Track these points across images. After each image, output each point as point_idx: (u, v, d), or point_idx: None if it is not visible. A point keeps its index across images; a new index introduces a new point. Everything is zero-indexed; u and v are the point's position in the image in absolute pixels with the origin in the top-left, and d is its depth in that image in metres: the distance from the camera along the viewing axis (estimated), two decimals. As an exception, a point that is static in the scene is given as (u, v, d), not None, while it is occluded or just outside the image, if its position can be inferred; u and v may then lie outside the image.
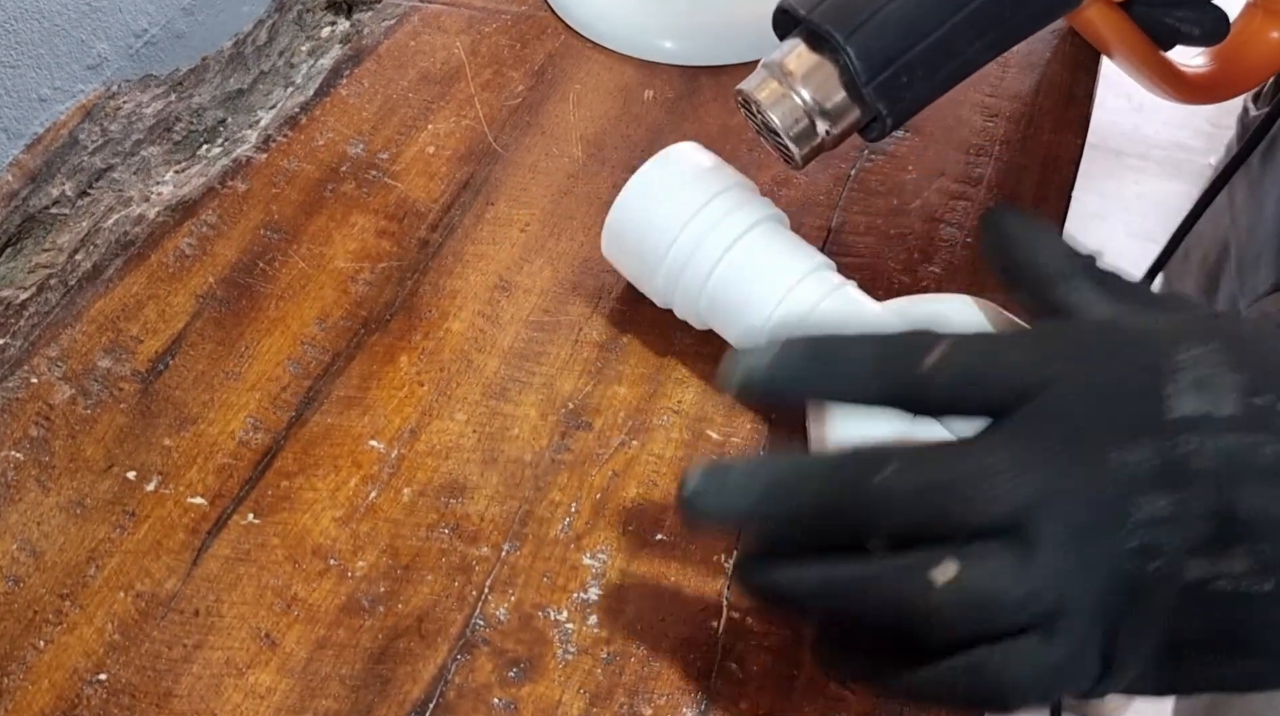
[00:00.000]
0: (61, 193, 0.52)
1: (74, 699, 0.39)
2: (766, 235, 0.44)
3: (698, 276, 0.44)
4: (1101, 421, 0.29)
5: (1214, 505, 0.28)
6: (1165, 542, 0.28)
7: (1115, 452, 0.28)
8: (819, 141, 0.41)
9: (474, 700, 0.39)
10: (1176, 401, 0.28)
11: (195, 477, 0.44)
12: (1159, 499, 0.28)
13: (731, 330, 0.45)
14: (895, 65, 0.38)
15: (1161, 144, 2.03)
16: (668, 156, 0.46)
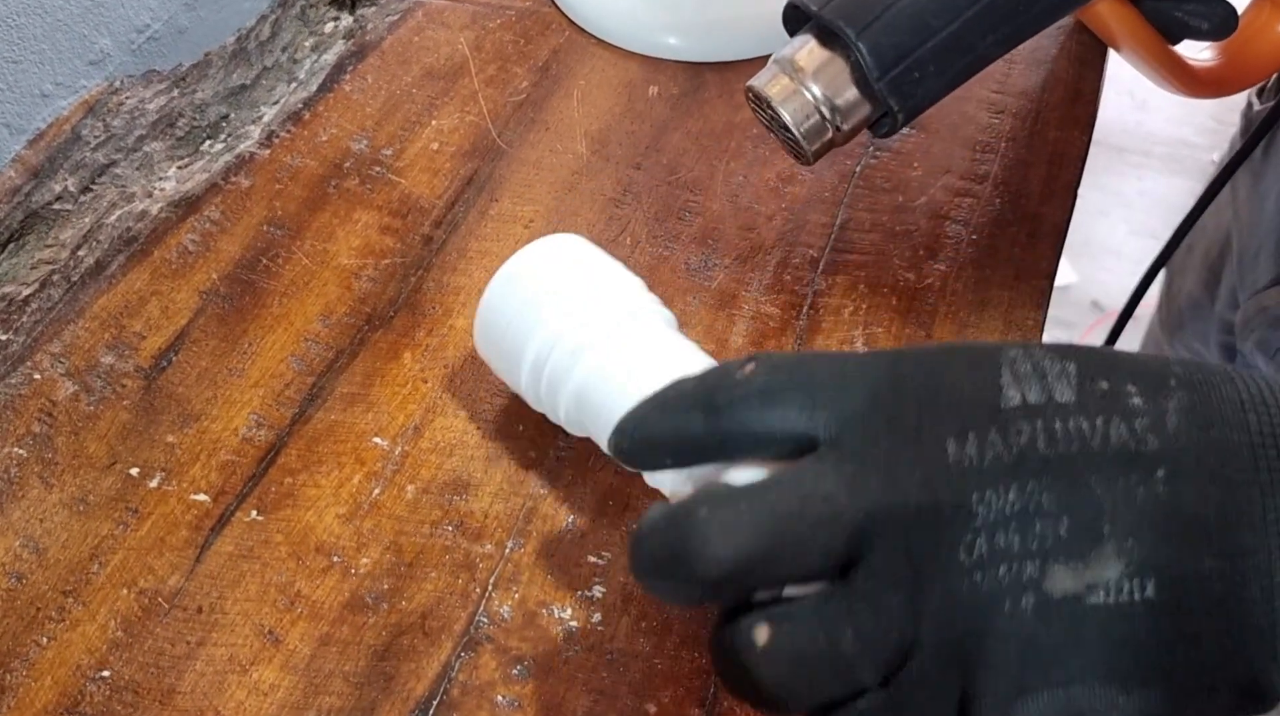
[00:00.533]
0: (64, 188, 0.52)
1: (77, 695, 0.39)
2: (636, 332, 0.39)
3: (557, 376, 0.39)
4: (937, 418, 0.26)
5: (1065, 498, 0.25)
6: (1014, 543, 0.25)
7: (953, 445, 0.26)
8: (830, 137, 0.41)
9: (478, 697, 0.39)
10: (1012, 390, 0.26)
11: (198, 474, 0.44)
12: (1004, 493, 0.25)
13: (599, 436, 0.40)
14: (907, 61, 0.38)
15: (1164, 140, 2.03)
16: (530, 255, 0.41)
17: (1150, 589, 0.24)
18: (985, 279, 0.51)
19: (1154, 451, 0.25)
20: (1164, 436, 0.25)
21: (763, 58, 0.61)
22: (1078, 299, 1.79)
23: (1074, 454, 0.25)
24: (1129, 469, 0.25)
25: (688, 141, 0.57)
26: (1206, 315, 0.72)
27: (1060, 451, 0.25)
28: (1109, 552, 0.25)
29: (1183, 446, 0.25)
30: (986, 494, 0.25)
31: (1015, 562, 0.25)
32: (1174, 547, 0.24)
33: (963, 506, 0.25)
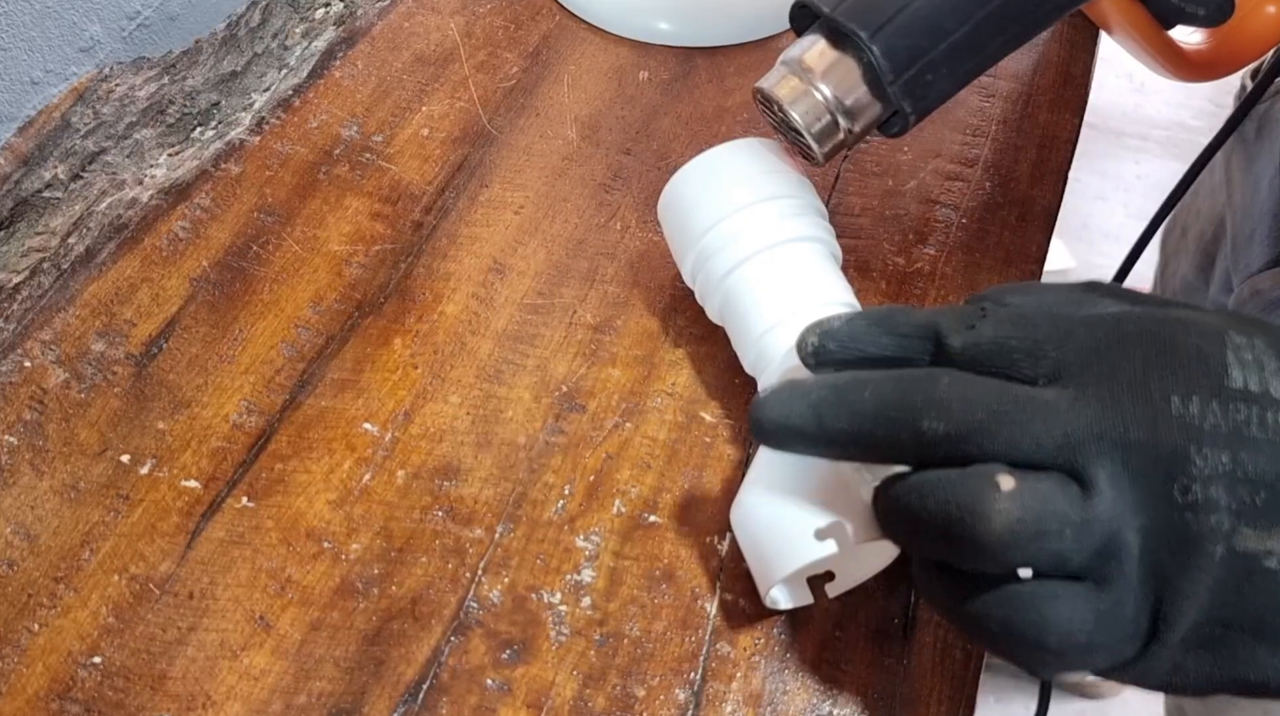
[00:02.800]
0: (54, 176, 0.52)
1: (68, 681, 0.39)
2: (801, 255, 0.43)
3: (718, 271, 0.43)
4: (1159, 376, 0.29)
5: (1266, 474, 0.28)
6: (1222, 499, 0.28)
7: (1178, 402, 0.28)
8: (840, 138, 0.41)
9: (468, 681, 0.39)
10: (1236, 372, 0.29)
11: (189, 461, 0.44)
12: (1220, 454, 0.28)
13: (733, 334, 0.45)
14: (920, 63, 0.38)
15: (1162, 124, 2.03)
16: (746, 145, 0.44)
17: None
18: (975, 263, 0.51)
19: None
20: None
21: (753, 43, 0.61)
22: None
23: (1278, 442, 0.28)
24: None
25: (678, 126, 0.57)
26: (1201, 299, 0.72)
27: (1270, 437, 0.28)
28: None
29: None
30: (1204, 450, 0.28)
31: (1220, 515, 0.28)
32: None
33: (1183, 453, 0.28)
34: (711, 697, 0.39)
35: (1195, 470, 0.28)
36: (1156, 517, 0.28)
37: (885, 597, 0.41)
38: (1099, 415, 0.29)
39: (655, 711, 0.39)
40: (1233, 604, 0.28)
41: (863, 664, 0.40)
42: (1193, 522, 0.28)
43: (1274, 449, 0.28)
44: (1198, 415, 0.28)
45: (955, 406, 0.30)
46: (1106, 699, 1.39)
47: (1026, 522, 0.28)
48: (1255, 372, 0.29)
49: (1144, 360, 0.29)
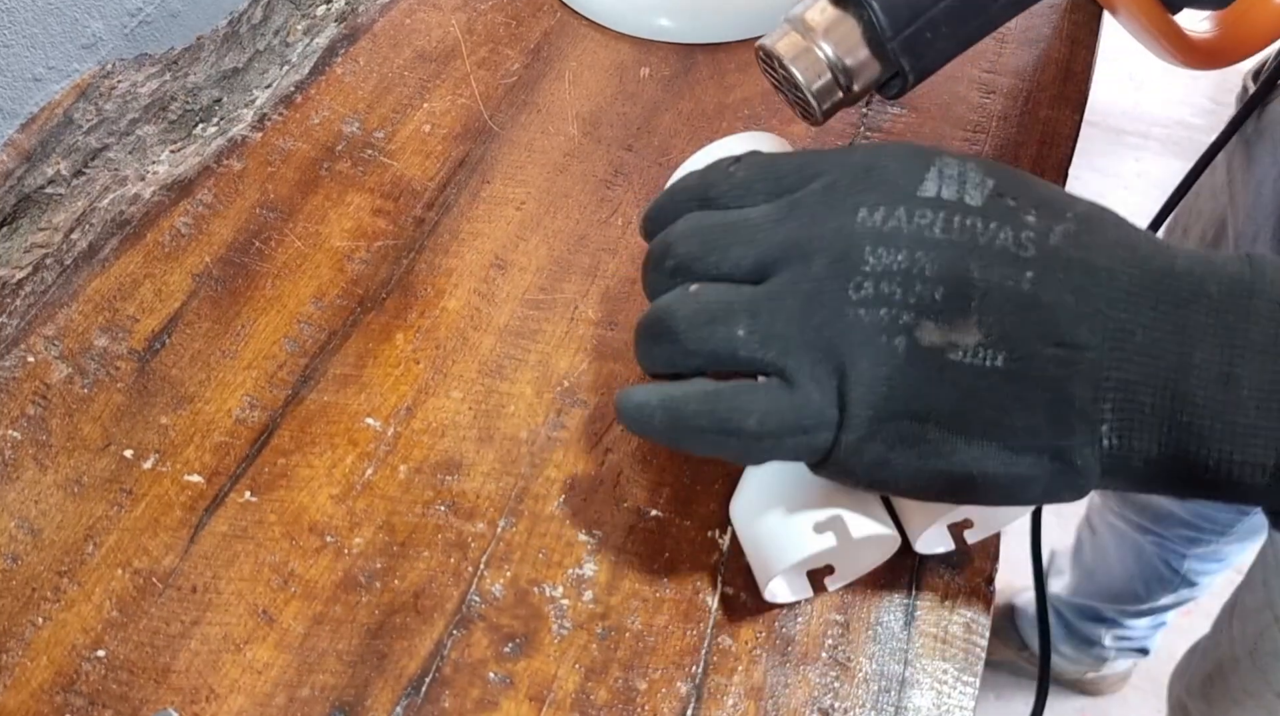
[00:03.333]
0: (57, 172, 0.52)
1: (73, 674, 0.39)
2: None
3: None
4: (858, 191, 0.32)
5: (944, 270, 0.30)
6: (896, 294, 0.30)
7: (865, 212, 0.32)
8: (840, 97, 0.41)
9: (470, 674, 0.39)
10: (930, 184, 0.32)
11: (192, 456, 0.44)
12: (894, 254, 0.31)
13: None
14: (919, 21, 0.39)
15: (1162, 122, 2.03)
16: (745, 139, 0.45)
17: (1000, 359, 0.30)
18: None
19: (1030, 257, 0.31)
20: (1042, 249, 0.31)
21: (754, 40, 0.61)
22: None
23: (962, 242, 0.31)
24: (1005, 265, 0.30)
25: (679, 123, 0.57)
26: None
27: (952, 238, 0.31)
28: (972, 323, 0.30)
29: (1054, 259, 0.31)
30: (879, 250, 0.31)
31: (895, 309, 0.30)
32: (1026, 331, 0.30)
33: (856, 253, 0.31)
34: (713, 690, 0.39)
35: (868, 268, 0.31)
36: (832, 314, 0.31)
37: (886, 590, 0.41)
38: (791, 230, 0.32)
39: (657, 704, 0.39)
40: (925, 396, 0.30)
41: (863, 656, 0.40)
42: (865, 315, 0.31)
43: (955, 249, 0.30)
44: (880, 220, 0.31)
45: (677, 242, 0.35)
46: (1106, 696, 1.39)
47: (703, 312, 0.32)
48: (953, 184, 0.32)
49: (851, 181, 0.33)
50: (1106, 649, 1.28)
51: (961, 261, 0.30)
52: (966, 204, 0.31)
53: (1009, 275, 0.30)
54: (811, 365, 0.31)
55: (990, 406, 0.30)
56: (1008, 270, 0.30)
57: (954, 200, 0.31)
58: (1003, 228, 0.31)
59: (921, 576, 0.41)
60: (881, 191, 0.32)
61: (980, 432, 0.31)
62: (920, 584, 0.41)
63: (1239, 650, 0.74)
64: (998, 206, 0.31)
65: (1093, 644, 1.28)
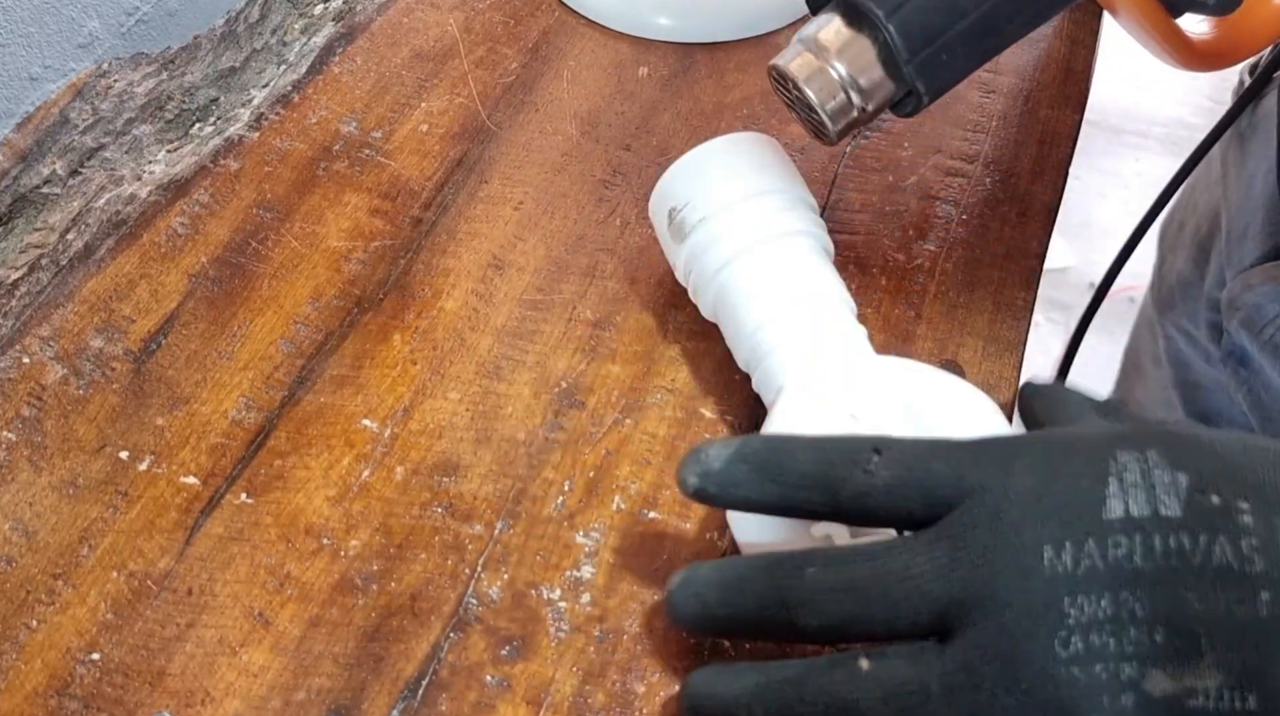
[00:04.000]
0: (52, 172, 0.52)
1: (67, 678, 0.39)
2: (791, 250, 0.43)
3: (710, 268, 0.43)
4: (1035, 523, 0.28)
5: (1161, 609, 0.26)
6: (1106, 645, 0.26)
7: (1050, 552, 0.27)
8: (854, 117, 0.41)
9: (467, 678, 0.39)
10: (1115, 502, 0.27)
11: (188, 457, 0.44)
12: (1097, 600, 0.26)
13: (726, 331, 0.45)
14: (936, 44, 0.38)
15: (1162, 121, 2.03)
16: (736, 140, 0.45)
17: (1252, 701, 0.25)
18: (975, 259, 0.51)
19: (1259, 572, 0.26)
20: (1271, 556, 0.26)
21: (753, 39, 0.61)
22: (1075, 281, 1.79)
23: (1171, 568, 0.26)
24: (1230, 588, 0.26)
25: (678, 122, 0.56)
26: (1196, 294, 0.72)
27: (1158, 565, 0.26)
28: (1208, 664, 0.26)
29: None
30: (1078, 599, 0.26)
31: (1112, 662, 0.26)
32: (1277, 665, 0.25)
33: (1054, 606, 0.27)
34: (711, 694, 0.39)
35: (1070, 621, 0.26)
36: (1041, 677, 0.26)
37: (885, 594, 0.41)
38: (968, 575, 0.28)
39: (655, 708, 0.38)
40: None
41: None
42: (1080, 675, 0.26)
43: (1165, 580, 0.26)
44: (1070, 563, 0.27)
45: (824, 602, 0.30)
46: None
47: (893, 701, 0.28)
48: (1141, 494, 0.27)
49: (1021, 508, 0.28)
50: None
51: (1175, 595, 0.26)
52: (1163, 517, 0.27)
53: (1239, 599, 0.26)
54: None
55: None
56: (1235, 593, 0.26)
57: (1148, 517, 0.27)
58: (1215, 540, 0.26)
59: (921, 579, 0.41)
60: (1062, 521, 0.28)
61: None
62: (920, 586, 0.41)
63: None
64: (1201, 511, 0.27)
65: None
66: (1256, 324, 0.58)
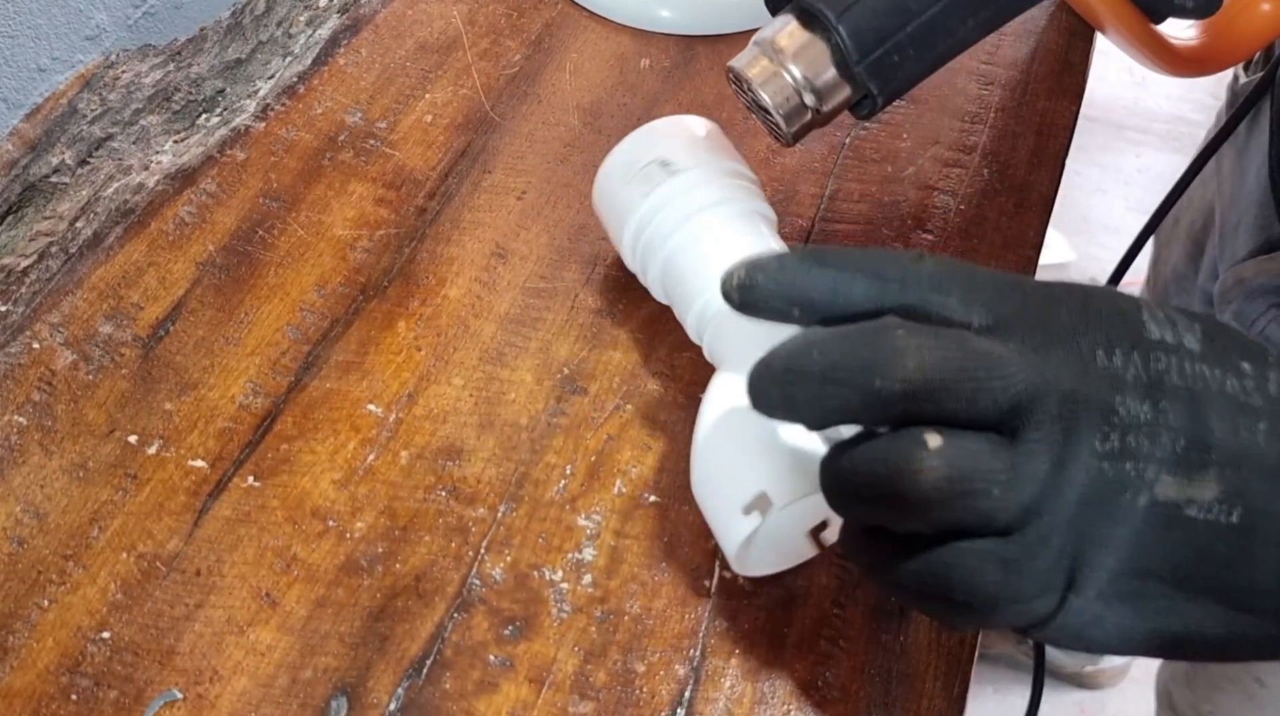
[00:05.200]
0: (61, 161, 0.53)
1: (78, 656, 0.40)
2: (731, 219, 0.44)
3: (654, 242, 0.44)
4: (1088, 331, 0.30)
5: (1187, 422, 0.28)
6: (1143, 447, 0.28)
7: (1101, 355, 0.29)
8: (809, 119, 0.41)
9: (470, 657, 0.40)
10: (1153, 326, 0.30)
11: (196, 441, 0.45)
12: (1140, 403, 0.28)
13: (676, 308, 0.45)
14: (887, 45, 0.39)
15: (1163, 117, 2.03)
16: (665, 123, 0.46)
17: (1235, 515, 0.28)
18: (972, 249, 0.51)
19: (1259, 406, 0.29)
20: (1267, 398, 0.29)
21: (755, 31, 0.61)
22: (1076, 276, 1.79)
23: (1199, 390, 0.29)
24: (1240, 415, 0.29)
25: (679, 113, 0.57)
26: (1190, 287, 0.73)
27: (1189, 385, 0.29)
28: (1211, 477, 0.28)
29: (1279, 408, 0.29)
30: (1128, 400, 0.28)
31: (1141, 463, 0.28)
32: (1262, 486, 0.28)
33: (1106, 403, 0.28)
34: (711, 673, 0.39)
35: (1118, 419, 0.28)
36: (1080, 469, 0.28)
37: (882, 575, 0.42)
38: (1036, 368, 0.29)
39: (655, 687, 0.39)
40: (1152, 553, 0.29)
41: (860, 641, 0.40)
42: (1112, 471, 0.28)
43: (1192, 398, 0.29)
44: (1120, 366, 0.29)
45: (911, 363, 0.28)
46: (1105, 689, 1.39)
47: (954, 481, 0.28)
48: (1169, 328, 0.30)
49: (1070, 314, 0.30)
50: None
51: (1201, 411, 0.29)
52: (1188, 348, 0.29)
53: (1244, 426, 0.29)
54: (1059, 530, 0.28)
55: (1218, 564, 0.29)
56: (1242, 420, 0.29)
57: (1176, 344, 0.29)
58: (1228, 374, 0.29)
59: (917, 561, 0.42)
60: (1107, 329, 0.30)
61: (1204, 590, 0.29)
62: (916, 568, 0.42)
63: None
64: (1215, 351, 0.30)
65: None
66: (1248, 317, 0.58)
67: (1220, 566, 0.29)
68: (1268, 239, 0.59)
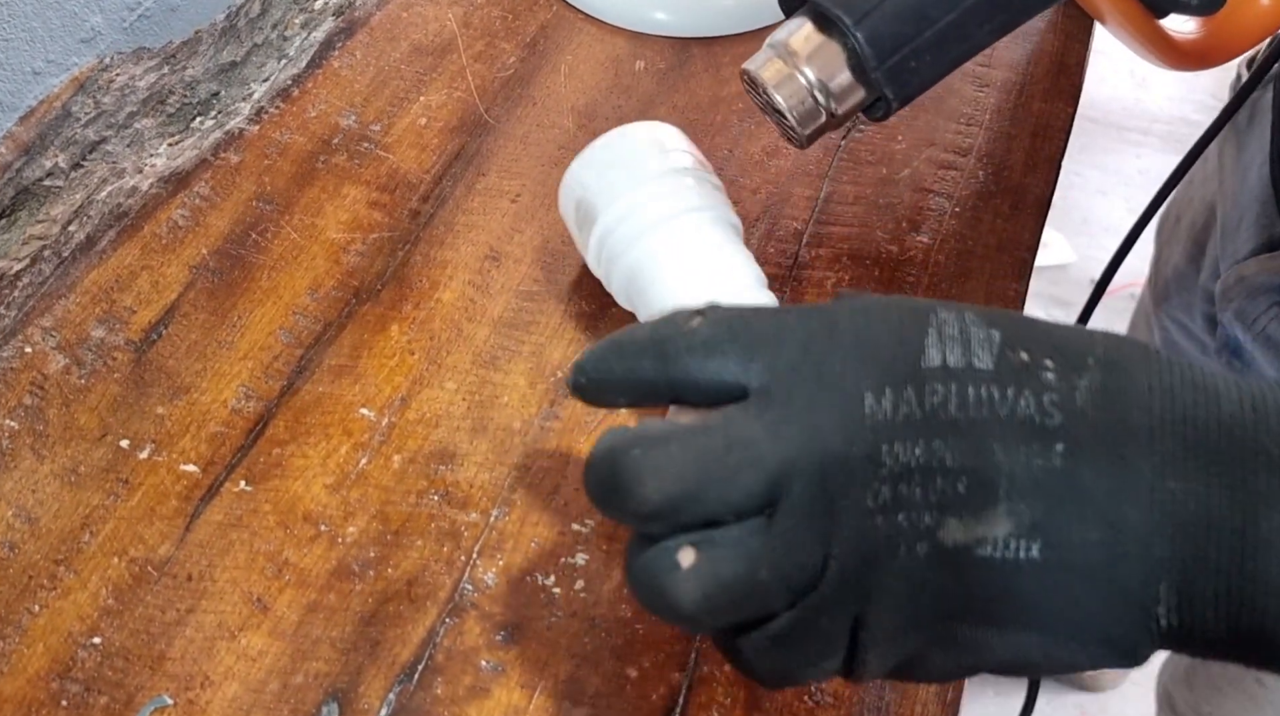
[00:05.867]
0: (55, 165, 0.53)
1: (68, 661, 0.39)
2: (698, 227, 0.44)
3: (617, 249, 0.44)
4: (858, 369, 0.28)
5: (967, 459, 0.27)
6: (914, 495, 0.27)
7: (870, 399, 0.27)
8: (823, 121, 0.41)
9: (462, 662, 0.40)
10: (934, 351, 0.28)
11: (188, 445, 0.45)
12: (913, 447, 0.27)
13: (640, 314, 0.46)
14: (904, 51, 0.39)
15: (1164, 118, 2.03)
16: (631, 130, 0.46)
17: (1035, 550, 0.26)
18: (968, 251, 0.51)
19: (1057, 426, 0.27)
20: (1069, 412, 0.27)
21: (749, 33, 0.61)
22: (1077, 277, 1.79)
23: (982, 419, 0.27)
24: (1031, 439, 0.27)
25: (674, 116, 0.57)
26: (1191, 286, 0.72)
27: (970, 415, 0.27)
28: (1001, 512, 0.26)
29: (1085, 424, 0.27)
30: (895, 446, 0.27)
31: (915, 512, 0.27)
32: (1062, 515, 0.26)
33: (873, 457, 0.27)
34: (704, 678, 0.39)
35: (885, 471, 0.27)
36: (851, 532, 0.27)
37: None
38: (798, 440, 0.27)
39: (648, 693, 0.39)
40: (954, 596, 0.27)
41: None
42: (883, 526, 0.27)
43: (974, 429, 0.27)
44: (889, 410, 0.27)
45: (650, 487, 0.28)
46: (1105, 691, 1.39)
47: (711, 598, 0.27)
48: (958, 346, 0.28)
49: (844, 354, 0.28)
50: (1105, 644, 1.28)
51: (984, 444, 0.27)
52: (977, 369, 0.28)
53: (1036, 452, 0.27)
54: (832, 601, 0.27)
55: (1026, 600, 0.27)
56: (1034, 447, 0.27)
57: (963, 368, 0.28)
58: (1021, 393, 0.27)
59: (911, 565, 0.42)
60: (882, 367, 0.28)
61: (1016, 625, 0.27)
62: (910, 573, 0.42)
63: None
64: (1010, 366, 0.28)
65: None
66: (1249, 315, 0.58)
67: (1027, 602, 0.27)
68: (1269, 237, 0.59)
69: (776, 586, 0.27)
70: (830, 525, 0.27)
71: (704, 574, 0.27)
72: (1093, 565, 0.26)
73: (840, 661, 0.29)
